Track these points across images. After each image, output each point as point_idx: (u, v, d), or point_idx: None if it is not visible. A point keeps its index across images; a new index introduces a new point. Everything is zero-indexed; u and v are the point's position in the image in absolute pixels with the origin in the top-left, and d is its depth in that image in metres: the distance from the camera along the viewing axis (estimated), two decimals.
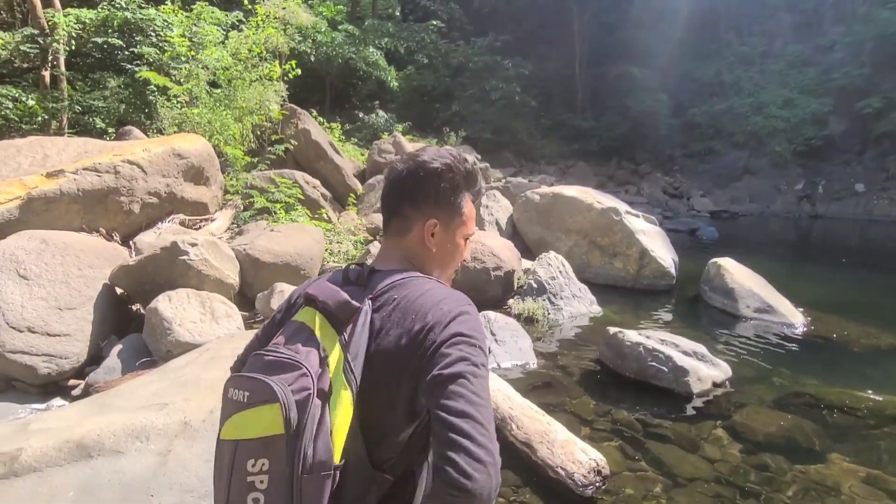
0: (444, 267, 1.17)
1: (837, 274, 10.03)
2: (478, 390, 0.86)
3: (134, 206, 5.67)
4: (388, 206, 1.15)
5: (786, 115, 21.97)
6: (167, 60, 9.01)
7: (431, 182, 1.10)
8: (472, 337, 0.93)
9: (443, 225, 1.12)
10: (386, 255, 1.14)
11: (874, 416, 4.00)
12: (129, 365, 4.28)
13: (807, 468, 3.32)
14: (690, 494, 3.01)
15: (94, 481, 2.49)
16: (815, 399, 4.25)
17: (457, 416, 0.82)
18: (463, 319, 0.95)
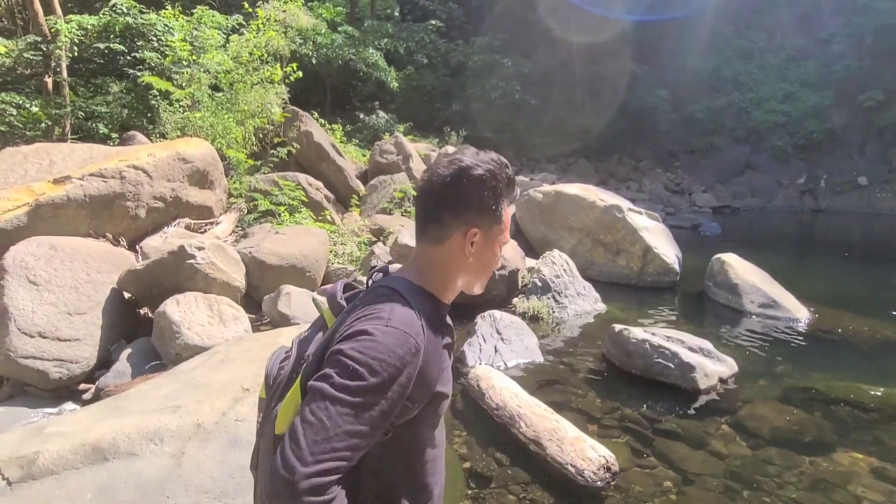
0: (480, 275, 1.15)
1: (841, 268, 10.04)
2: (315, 409, 0.87)
3: (140, 211, 5.70)
4: (427, 213, 1.10)
5: (786, 110, 21.92)
6: (169, 65, 9.05)
7: (475, 190, 1.06)
8: (352, 356, 0.90)
9: (483, 233, 1.09)
10: (411, 261, 1.14)
11: (880, 409, 4.02)
12: (138, 368, 4.32)
13: (814, 462, 3.35)
14: (699, 489, 3.03)
15: (111, 483, 2.53)
16: (821, 393, 4.27)
17: (292, 425, 0.88)
18: (360, 337, 0.93)
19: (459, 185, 1.05)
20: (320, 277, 6.04)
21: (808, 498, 2.98)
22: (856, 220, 17.56)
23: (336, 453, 0.85)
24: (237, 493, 2.62)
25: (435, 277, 1.10)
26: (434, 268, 1.10)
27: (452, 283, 1.12)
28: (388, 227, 7.77)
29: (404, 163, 10.28)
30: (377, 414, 0.89)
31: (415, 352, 0.94)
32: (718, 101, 23.10)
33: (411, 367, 0.94)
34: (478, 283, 1.15)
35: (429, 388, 1.00)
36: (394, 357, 0.91)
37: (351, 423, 0.86)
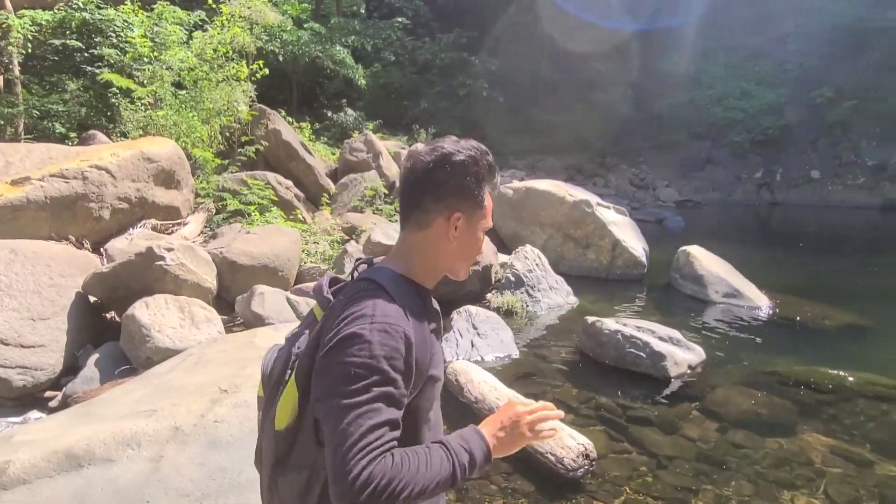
0: (464, 260, 1.17)
1: (797, 258, 10.47)
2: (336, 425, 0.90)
3: (104, 213, 5.53)
4: (410, 199, 1.12)
5: (744, 107, 22.68)
6: (129, 62, 8.76)
7: (457, 175, 1.08)
8: (348, 364, 0.92)
9: (466, 218, 1.11)
10: (395, 249, 1.16)
11: (837, 390, 4.23)
12: (107, 374, 4.20)
13: (778, 442, 3.51)
14: (672, 472, 3.15)
15: (87, 491, 2.47)
16: (782, 377, 4.47)
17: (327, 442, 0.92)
18: (354, 344, 0.94)
19: (442, 170, 1.08)
20: (293, 277, 5.98)
21: (773, 476, 3.12)
22: (809, 213, 18.32)
23: (373, 450, 0.87)
24: (219, 494, 2.59)
25: (419, 263, 1.13)
26: (418, 253, 1.12)
27: (436, 267, 1.15)
28: (360, 225, 7.73)
29: (374, 161, 10.23)
30: (394, 398, 0.93)
31: (407, 345, 0.97)
32: (680, 99, 23.73)
33: (408, 355, 0.97)
34: (462, 267, 1.18)
35: (420, 373, 1.02)
36: (387, 350, 0.93)
37: (372, 418, 0.89)
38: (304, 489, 1.00)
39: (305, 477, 0.99)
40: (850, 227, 15.57)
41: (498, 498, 2.89)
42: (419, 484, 0.90)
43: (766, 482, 3.06)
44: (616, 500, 2.87)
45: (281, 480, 1.03)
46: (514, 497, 2.89)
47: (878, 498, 2.93)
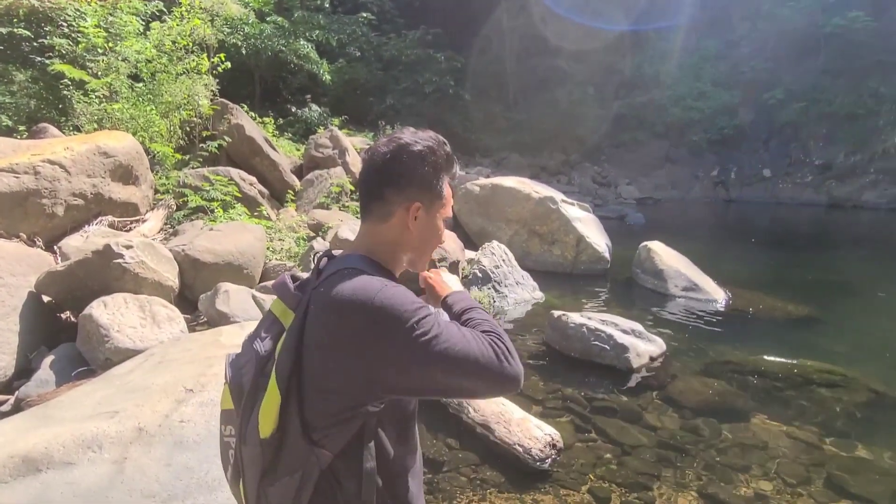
0: (424, 250, 1.18)
1: (750, 253, 10.93)
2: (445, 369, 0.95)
3: (57, 209, 5.31)
4: (369, 191, 1.12)
5: (701, 107, 23.45)
6: (82, 53, 8.40)
7: (415, 165, 1.09)
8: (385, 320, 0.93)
9: (425, 208, 1.12)
10: (357, 241, 1.16)
11: (789, 378, 4.46)
12: (63, 376, 4.05)
13: (735, 427, 3.68)
14: (636, 459, 3.26)
15: (46, 496, 2.39)
16: (738, 366, 4.67)
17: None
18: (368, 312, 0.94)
19: (400, 161, 1.09)
20: (258, 274, 5.88)
21: (729, 460, 3.27)
22: (761, 210, 19.11)
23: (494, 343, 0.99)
24: (186, 494, 2.55)
25: (383, 254, 1.13)
26: (381, 245, 1.13)
27: (399, 258, 1.16)
28: (326, 222, 7.65)
29: (340, 157, 10.13)
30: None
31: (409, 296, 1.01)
32: (640, 98, 24.34)
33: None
34: (422, 258, 1.19)
35: None
36: (407, 303, 0.95)
37: (458, 342, 0.95)
38: (297, 491, 0.97)
39: (298, 479, 0.96)
40: (799, 224, 16.33)
41: (468, 489, 2.93)
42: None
43: (722, 466, 3.21)
44: (582, 487, 2.96)
45: (271, 490, 0.98)
46: (483, 488, 2.94)
47: (824, 477, 3.10)
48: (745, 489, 2.99)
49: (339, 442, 0.98)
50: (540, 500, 2.85)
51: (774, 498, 2.91)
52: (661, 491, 2.96)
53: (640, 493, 2.92)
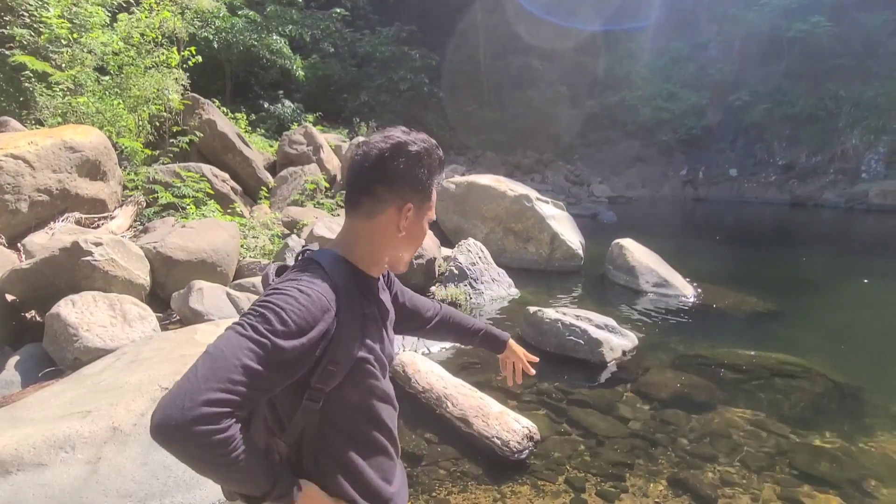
0: (408, 249, 1.18)
1: (718, 249, 11.26)
2: (219, 343, 0.89)
3: (21, 205, 5.15)
4: (360, 187, 1.11)
5: (670, 107, 24.00)
6: (44, 44, 8.13)
7: (411, 165, 1.10)
8: (262, 304, 0.95)
9: (415, 209, 1.13)
10: (340, 236, 1.17)
11: (755, 370, 4.62)
12: (29, 376, 3.94)
13: (703, 418, 3.80)
14: (609, 449, 3.35)
15: (16, 498, 2.34)
16: (706, 359, 4.82)
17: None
18: (269, 293, 0.98)
19: (397, 160, 1.08)
20: (232, 272, 5.80)
21: (698, 449, 3.39)
22: (728, 208, 19.67)
23: (231, 385, 0.84)
24: (164, 493, 2.53)
25: (363, 251, 1.13)
26: (363, 241, 1.13)
27: (380, 257, 1.15)
28: (301, 219, 7.60)
29: (315, 154, 10.05)
30: (278, 360, 0.90)
31: (324, 310, 0.97)
32: (612, 98, 24.77)
33: (322, 324, 0.97)
34: (405, 258, 1.19)
35: (348, 352, 1.04)
36: (302, 311, 0.94)
37: (250, 359, 0.87)
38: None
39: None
40: (763, 222, 16.88)
41: (447, 481, 2.97)
42: (234, 465, 0.87)
43: (691, 455, 3.31)
44: (559, 477, 3.03)
45: None
46: (462, 480, 2.98)
47: (787, 464, 3.24)
48: (713, 476, 3.10)
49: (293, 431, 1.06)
50: (518, 490, 2.90)
51: (741, 483, 3.03)
52: (634, 479, 3.04)
53: (614, 483, 3.00)
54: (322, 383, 1.01)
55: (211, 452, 0.83)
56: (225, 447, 0.84)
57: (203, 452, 0.83)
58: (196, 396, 0.81)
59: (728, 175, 22.28)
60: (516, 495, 2.87)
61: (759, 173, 21.73)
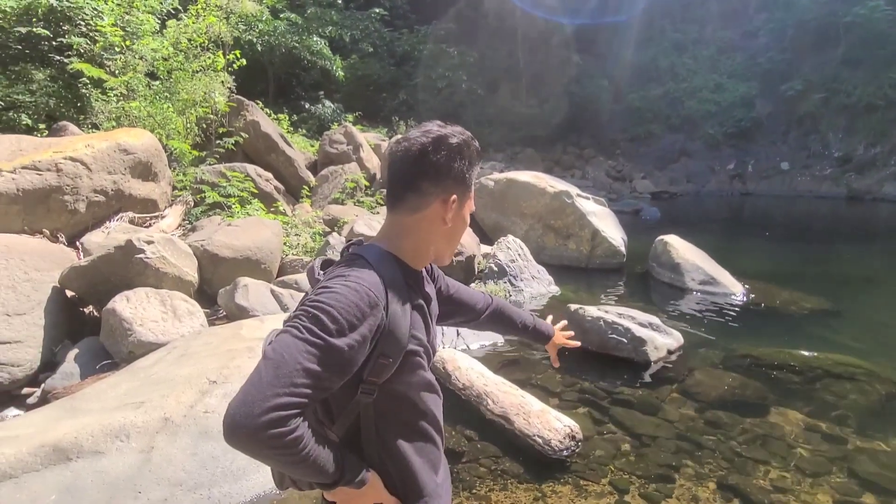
0: (452, 241, 1.19)
1: (768, 246, 10.79)
2: (278, 348, 0.91)
3: (79, 205, 5.41)
4: (404, 182, 1.12)
5: (717, 99, 23.13)
6: (99, 51, 8.53)
7: (453, 158, 1.10)
8: (313, 304, 0.96)
9: (459, 201, 1.14)
10: (383, 232, 1.18)
11: (807, 370, 4.40)
12: (87, 369, 4.13)
13: (753, 420, 3.65)
14: (654, 451, 3.25)
15: (76, 483, 2.46)
16: (756, 359, 4.62)
17: (255, 366, 0.92)
18: (319, 292, 0.99)
19: (439, 153, 1.09)
20: (275, 269, 5.94)
21: (748, 452, 3.25)
22: (779, 203, 18.83)
23: (295, 388, 0.87)
24: (212, 483, 2.60)
25: (408, 244, 1.14)
26: (409, 236, 1.13)
27: (426, 250, 1.16)
28: (342, 217, 7.71)
29: (355, 153, 10.18)
30: (336, 360, 0.93)
31: (373, 304, 0.98)
32: (655, 91, 24.07)
33: (373, 318, 0.98)
34: (449, 250, 1.20)
35: (399, 344, 1.04)
36: (353, 308, 0.95)
37: (310, 361, 0.89)
38: None
39: None
40: (817, 217, 16.08)
41: (487, 479, 2.95)
42: (306, 461, 0.91)
43: (741, 458, 3.19)
44: (602, 478, 2.96)
45: None
46: (503, 478, 2.96)
47: (845, 470, 3.07)
48: (764, 481, 2.97)
49: (343, 423, 1.08)
50: (559, 490, 2.86)
51: (795, 490, 2.89)
52: (680, 482, 2.95)
53: (659, 485, 2.91)
54: (375, 376, 1.04)
55: (283, 452, 0.88)
56: (295, 446, 0.88)
57: (276, 453, 0.88)
58: (263, 403, 0.85)
59: (779, 168, 21.32)
60: (557, 495, 2.82)
61: (813, 166, 20.70)
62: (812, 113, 21.02)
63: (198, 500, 2.55)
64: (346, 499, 1.08)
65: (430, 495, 1.16)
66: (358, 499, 1.08)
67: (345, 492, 1.05)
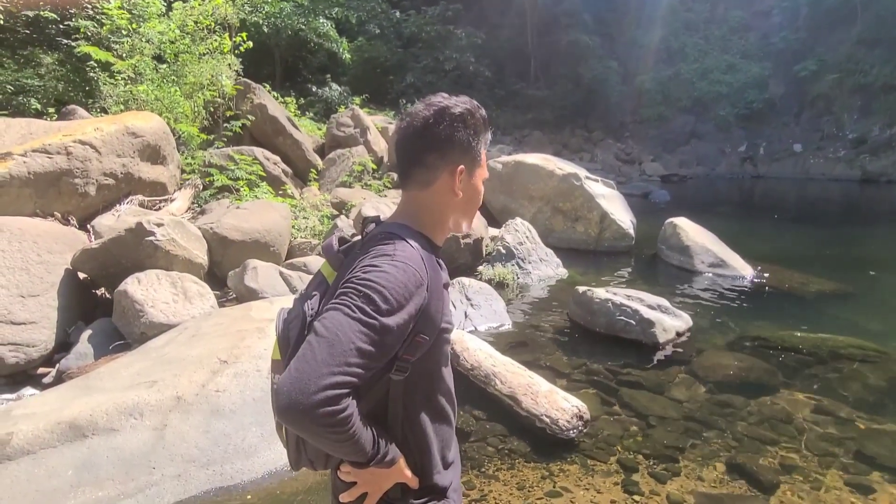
0: (468, 212, 1.19)
1: (779, 229, 10.69)
2: (331, 326, 0.90)
3: (89, 189, 5.44)
4: (411, 157, 1.12)
5: (729, 80, 22.76)
6: (106, 34, 8.51)
7: (457, 128, 1.09)
8: (363, 283, 0.95)
9: (467, 171, 1.13)
10: (399, 209, 1.17)
11: (817, 353, 4.38)
12: (101, 349, 4.19)
13: (762, 402, 3.65)
14: (662, 431, 3.26)
15: (92, 459, 2.51)
16: (765, 341, 4.61)
17: (304, 342, 0.91)
18: (367, 270, 0.98)
19: (442, 124, 1.08)
20: (284, 252, 5.97)
21: (757, 433, 3.26)
22: (791, 185, 18.61)
23: (348, 368, 0.88)
24: (224, 460, 2.65)
25: (428, 219, 1.14)
26: (425, 211, 1.13)
27: (444, 223, 1.16)
28: (349, 200, 7.70)
29: (362, 136, 10.14)
30: (386, 339, 0.93)
31: (419, 284, 0.99)
32: (665, 72, 23.71)
33: (418, 298, 0.99)
34: (465, 220, 1.20)
35: (434, 323, 1.05)
36: (402, 288, 0.96)
37: (363, 341, 0.90)
38: None
39: None
40: (830, 200, 15.88)
41: (495, 458, 2.98)
42: (352, 439, 0.91)
43: (749, 439, 3.19)
44: (610, 458, 2.98)
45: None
46: (510, 457, 2.98)
47: (853, 452, 3.07)
48: (772, 460, 2.98)
49: (370, 400, 1.04)
50: (567, 469, 2.88)
51: (803, 468, 2.89)
52: (688, 462, 2.96)
53: (667, 465, 2.93)
54: (410, 354, 1.03)
55: (333, 430, 0.88)
56: (345, 425, 0.89)
57: (327, 431, 0.88)
58: (318, 381, 0.85)
59: (791, 150, 21.02)
60: (565, 474, 2.85)
61: (827, 148, 20.38)
62: (826, 94, 20.64)
63: (210, 476, 2.60)
64: (372, 479, 1.06)
65: (441, 474, 1.16)
66: (383, 479, 1.07)
67: (371, 471, 1.03)
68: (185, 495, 2.52)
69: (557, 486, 2.75)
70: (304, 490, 2.67)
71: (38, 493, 2.36)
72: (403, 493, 1.10)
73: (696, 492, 2.72)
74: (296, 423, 0.87)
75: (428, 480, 1.13)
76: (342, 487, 1.10)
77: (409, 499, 1.11)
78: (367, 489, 1.07)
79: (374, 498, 1.08)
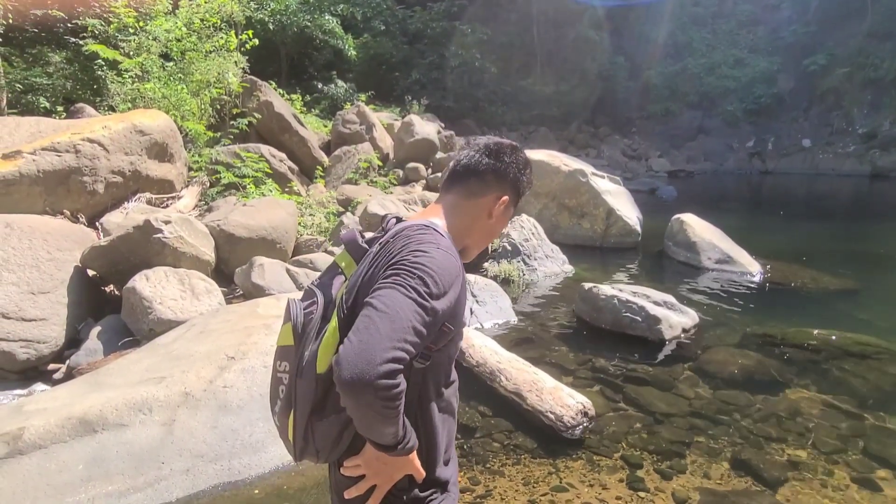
0: (483, 240, 1.27)
1: (787, 225, 10.61)
2: (390, 302, 0.92)
3: (98, 186, 5.49)
4: (475, 168, 1.21)
5: (737, 75, 22.59)
6: (113, 33, 8.56)
7: (521, 168, 1.24)
8: (416, 266, 0.98)
9: (507, 204, 1.24)
10: (433, 207, 1.22)
11: (824, 349, 4.36)
12: (110, 346, 4.23)
13: (768, 398, 3.63)
14: (668, 427, 3.26)
15: (102, 454, 2.54)
16: (773, 338, 4.59)
17: (361, 316, 0.93)
18: (417, 255, 1.01)
19: (512, 157, 1.23)
20: (290, 249, 5.99)
21: (763, 430, 3.25)
22: (800, 181, 18.45)
23: (405, 344, 0.90)
24: (232, 455, 2.67)
25: (457, 226, 1.19)
26: (459, 218, 1.20)
27: (466, 238, 1.22)
28: (355, 197, 7.73)
29: (368, 132, 10.16)
30: (434, 322, 0.97)
31: (457, 274, 1.04)
32: (672, 67, 23.57)
33: (457, 286, 1.04)
34: (476, 248, 1.27)
35: (460, 315, 1.09)
36: (448, 274, 1.01)
37: (418, 321, 0.93)
38: (339, 432, 1.04)
39: (344, 419, 1.02)
40: (840, 195, 15.74)
41: (500, 454, 2.99)
42: (396, 416, 0.94)
43: (756, 436, 3.18)
44: (615, 454, 2.98)
45: (318, 425, 1.04)
46: (516, 453, 2.99)
47: (861, 448, 3.05)
48: (779, 457, 2.97)
49: None
50: (572, 466, 2.89)
51: (810, 465, 2.88)
52: (693, 458, 2.96)
53: (672, 461, 2.93)
54: (434, 343, 1.05)
55: (387, 404, 0.89)
56: (397, 400, 0.91)
57: (382, 404, 0.89)
58: (383, 353, 0.87)
59: (800, 146, 20.86)
60: (570, 470, 2.85)
61: (836, 143, 20.20)
62: (836, 88, 20.45)
63: (219, 471, 2.63)
64: (383, 469, 1.06)
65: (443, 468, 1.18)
66: (395, 470, 1.07)
67: (383, 462, 1.04)
68: (193, 490, 2.55)
69: (563, 482, 2.75)
70: (311, 486, 2.69)
71: (49, 487, 2.40)
72: (410, 484, 1.11)
73: (702, 488, 2.72)
74: (358, 393, 0.87)
75: (432, 473, 1.15)
76: (346, 483, 1.11)
77: (414, 490, 1.12)
78: (376, 481, 1.08)
79: (382, 490, 1.09)
